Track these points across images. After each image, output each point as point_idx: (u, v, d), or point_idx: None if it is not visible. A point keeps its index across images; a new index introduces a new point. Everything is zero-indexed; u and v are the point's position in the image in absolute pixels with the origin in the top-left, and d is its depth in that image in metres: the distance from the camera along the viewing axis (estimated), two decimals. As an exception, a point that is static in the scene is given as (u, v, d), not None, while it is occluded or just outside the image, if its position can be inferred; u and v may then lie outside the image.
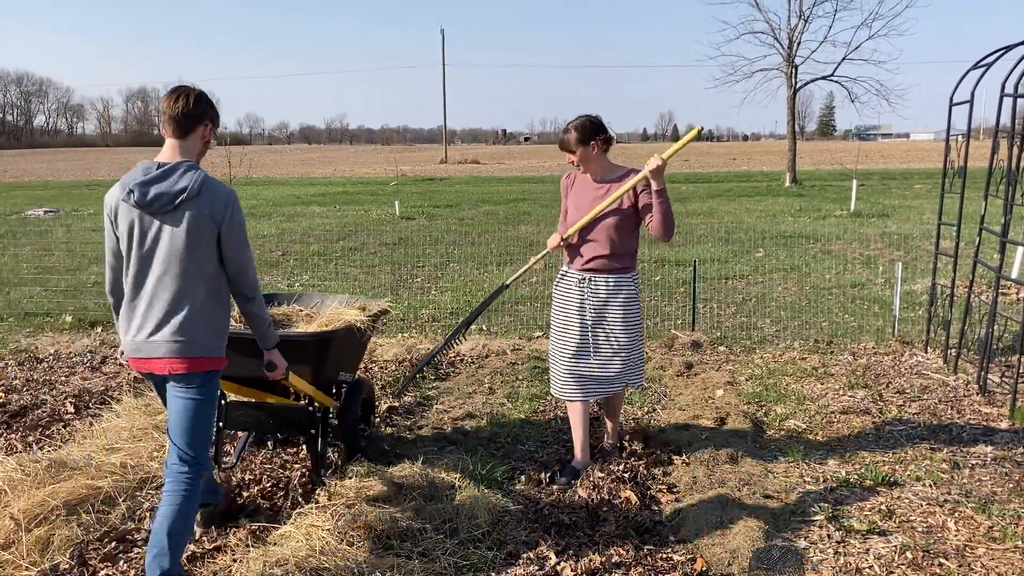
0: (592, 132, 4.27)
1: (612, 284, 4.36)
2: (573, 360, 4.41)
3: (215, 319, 3.27)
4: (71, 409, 5.58)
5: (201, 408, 3.28)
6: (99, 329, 8.05)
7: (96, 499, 3.96)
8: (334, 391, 4.63)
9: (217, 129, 3.39)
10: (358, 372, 5.11)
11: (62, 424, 5.31)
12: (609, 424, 4.83)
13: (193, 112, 3.23)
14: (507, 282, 4.86)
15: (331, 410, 4.56)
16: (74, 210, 21.41)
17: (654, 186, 4.13)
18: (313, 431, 4.32)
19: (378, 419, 5.30)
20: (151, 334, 3.18)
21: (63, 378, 6.40)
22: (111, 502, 3.99)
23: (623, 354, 4.41)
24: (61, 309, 8.81)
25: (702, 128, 3.99)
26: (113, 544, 3.69)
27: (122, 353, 3.41)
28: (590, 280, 4.37)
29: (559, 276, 4.55)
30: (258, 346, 3.56)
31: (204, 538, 3.74)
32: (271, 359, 3.56)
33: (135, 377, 6.28)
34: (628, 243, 4.38)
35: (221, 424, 4.17)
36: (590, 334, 4.39)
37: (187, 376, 3.21)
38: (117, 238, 3.23)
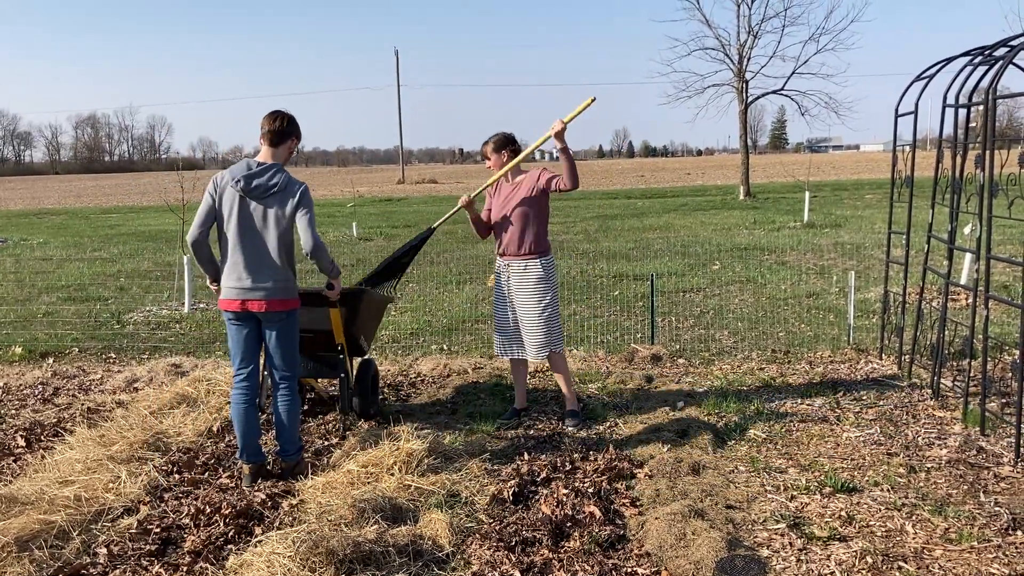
0: (503, 143, 5.57)
1: (524, 268, 5.50)
2: (499, 327, 5.70)
3: (290, 274, 4.53)
4: (22, 443, 5.43)
5: (287, 336, 4.59)
6: (51, 360, 7.87)
7: (49, 534, 3.85)
8: (350, 366, 5.54)
9: (300, 143, 4.67)
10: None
11: (12, 459, 5.17)
12: (564, 390, 5.70)
13: (286, 130, 4.54)
14: (434, 226, 5.94)
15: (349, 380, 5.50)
16: (23, 239, 20.97)
17: (557, 145, 5.21)
18: (343, 374, 5.39)
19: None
20: (250, 284, 4.42)
21: (13, 411, 6.24)
22: (65, 536, 3.89)
23: (539, 325, 5.47)
24: (10, 341, 8.60)
25: (594, 98, 5.26)
26: (67, 580, 3.59)
27: (216, 287, 4.63)
28: (508, 265, 5.56)
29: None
30: (308, 303, 4.91)
31: (163, 570, 3.66)
32: (333, 283, 4.80)
33: (88, 408, 6.15)
34: (534, 231, 5.48)
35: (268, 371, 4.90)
36: (509, 309, 5.60)
37: (276, 313, 4.49)
38: (215, 210, 4.46)
